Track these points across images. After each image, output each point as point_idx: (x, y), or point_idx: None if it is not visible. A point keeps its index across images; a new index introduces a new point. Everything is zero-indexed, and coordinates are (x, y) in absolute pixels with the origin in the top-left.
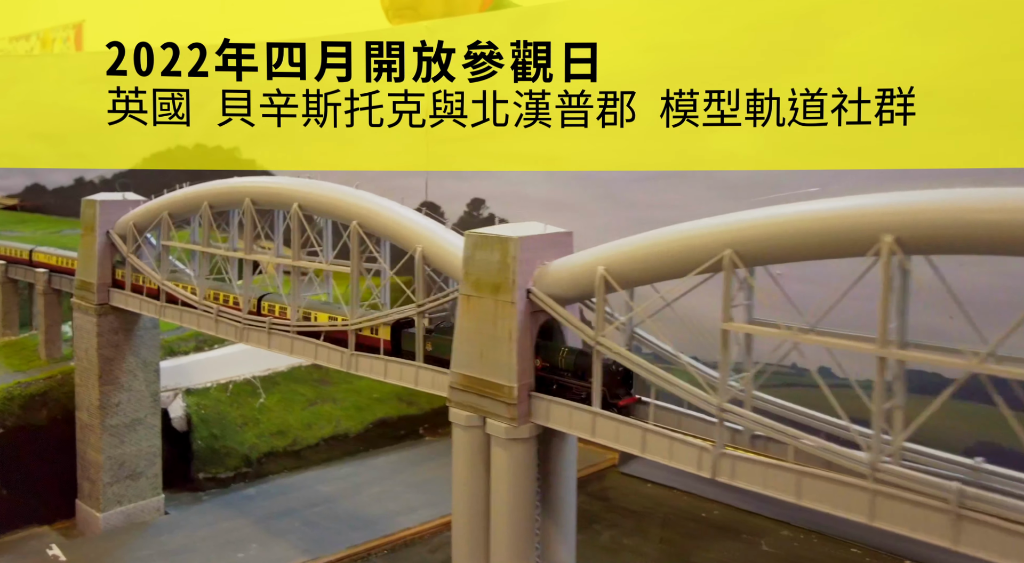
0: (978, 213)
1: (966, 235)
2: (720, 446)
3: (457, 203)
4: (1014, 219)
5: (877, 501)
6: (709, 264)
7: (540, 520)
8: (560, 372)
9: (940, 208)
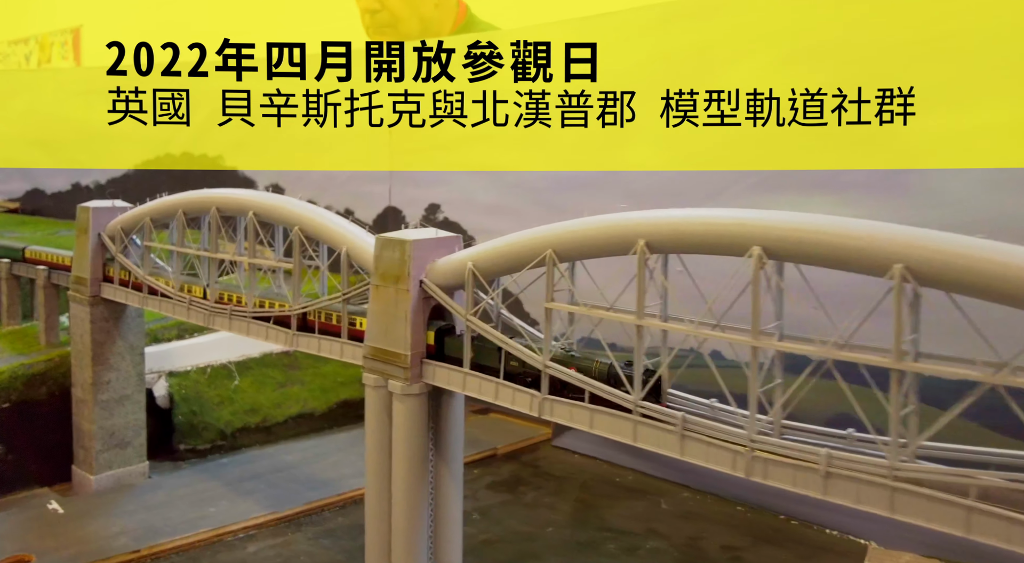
0: (826, 235)
1: (815, 252)
2: (544, 392)
3: (416, 207)
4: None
5: (756, 464)
6: (536, 262)
7: (433, 460)
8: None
9: (797, 227)
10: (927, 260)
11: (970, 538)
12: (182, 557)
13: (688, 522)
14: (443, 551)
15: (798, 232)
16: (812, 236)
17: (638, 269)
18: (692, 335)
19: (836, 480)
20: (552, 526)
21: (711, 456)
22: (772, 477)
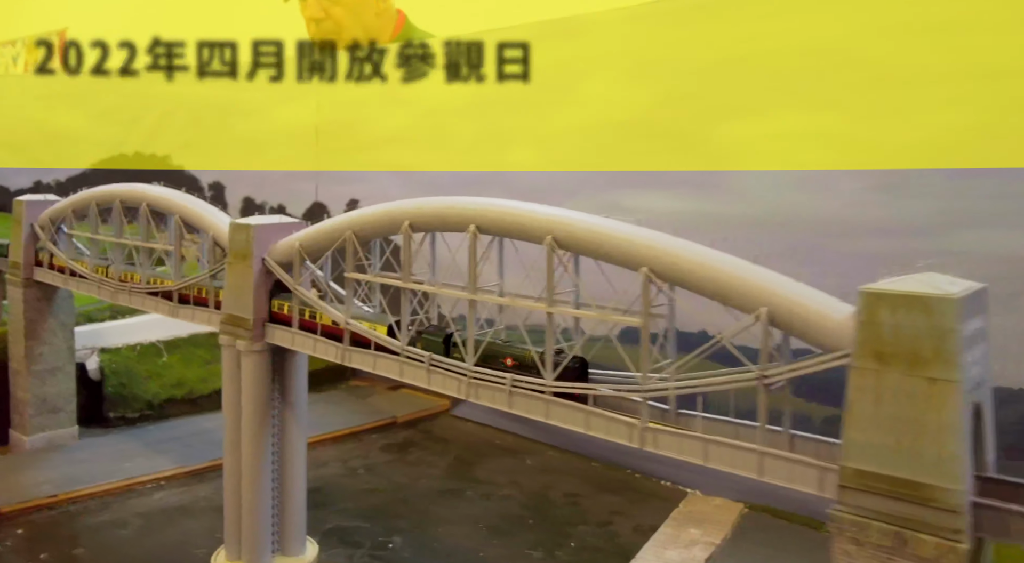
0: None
1: (593, 245)
2: (346, 343)
3: (339, 203)
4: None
5: (587, 416)
6: (337, 244)
7: (279, 407)
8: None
9: (580, 225)
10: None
11: (708, 465)
12: (96, 502)
13: (545, 475)
14: (288, 485)
15: (572, 226)
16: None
17: (470, 249)
18: (498, 304)
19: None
20: (426, 478)
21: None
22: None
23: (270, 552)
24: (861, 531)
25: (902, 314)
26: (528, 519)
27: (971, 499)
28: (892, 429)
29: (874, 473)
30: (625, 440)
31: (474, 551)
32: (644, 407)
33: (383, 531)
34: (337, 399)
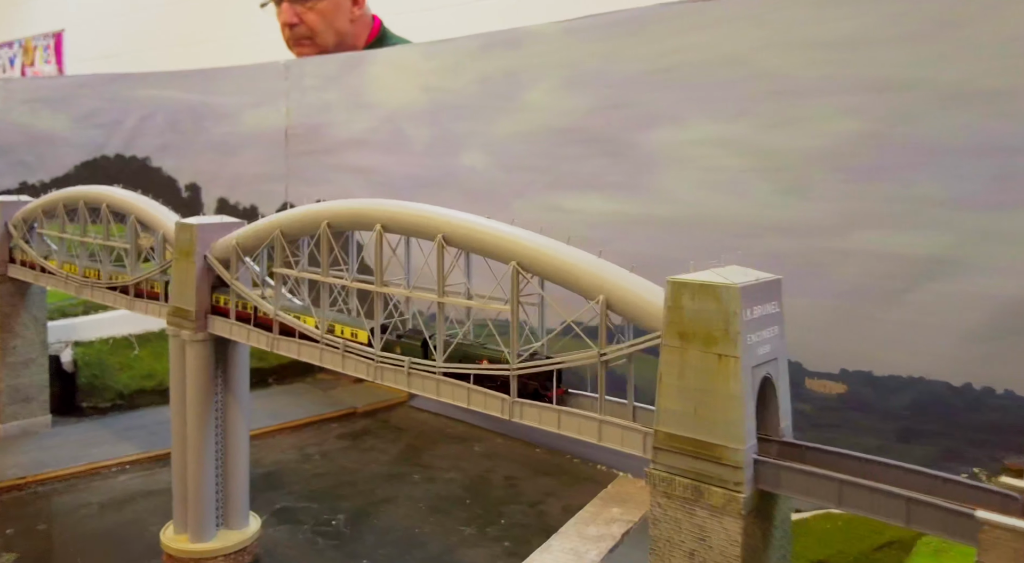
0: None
1: (474, 243)
2: (275, 333)
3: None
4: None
5: (469, 392)
6: (266, 244)
7: (222, 393)
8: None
9: (464, 225)
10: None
11: (560, 432)
12: (62, 484)
13: (488, 460)
14: (231, 463)
15: (458, 226)
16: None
17: (376, 247)
18: (403, 296)
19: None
20: (375, 463)
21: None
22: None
23: (214, 526)
24: (669, 486)
25: (699, 300)
26: (466, 499)
27: (753, 457)
28: (692, 398)
29: (679, 436)
30: (497, 412)
31: (411, 528)
32: (513, 382)
33: (328, 510)
34: (302, 391)
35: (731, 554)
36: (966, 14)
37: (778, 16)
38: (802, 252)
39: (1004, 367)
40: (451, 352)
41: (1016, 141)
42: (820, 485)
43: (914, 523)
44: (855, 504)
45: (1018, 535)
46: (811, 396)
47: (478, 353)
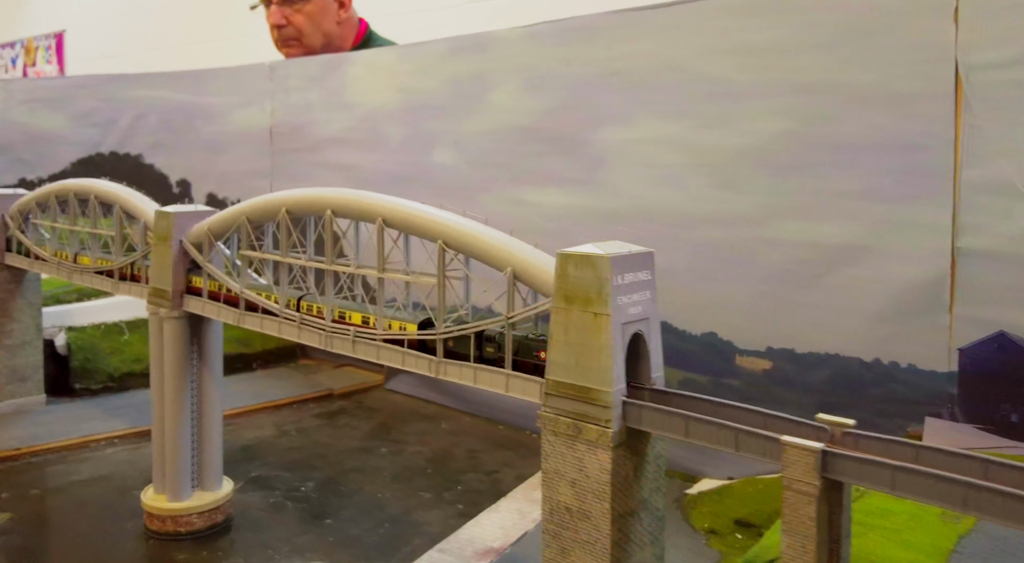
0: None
1: (409, 225)
2: (241, 308)
3: None
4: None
5: (403, 356)
6: (234, 229)
7: (197, 367)
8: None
9: (399, 209)
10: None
11: (477, 386)
12: (55, 455)
13: (454, 436)
14: (205, 430)
15: (395, 210)
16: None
17: (327, 229)
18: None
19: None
20: (347, 439)
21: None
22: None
23: (190, 487)
24: (556, 425)
25: (580, 269)
26: (428, 469)
27: (621, 398)
28: (574, 351)
29: (564, 383)
30: (425, 371)
31: (372, 493)
32: (439, 345)
33: (299, 479)
34: (285, 375)
35: (603, 481)
36: (874, 24)
37: (713, 25)
38: (733, 241)
39: (907, 344)
40: (516, 347)
41: (918, 139)
42: (672, 421)
43: (742, 450)
44: (698, 436)
45: (807, 452)
46: (741, 372)
47: (538, 345)
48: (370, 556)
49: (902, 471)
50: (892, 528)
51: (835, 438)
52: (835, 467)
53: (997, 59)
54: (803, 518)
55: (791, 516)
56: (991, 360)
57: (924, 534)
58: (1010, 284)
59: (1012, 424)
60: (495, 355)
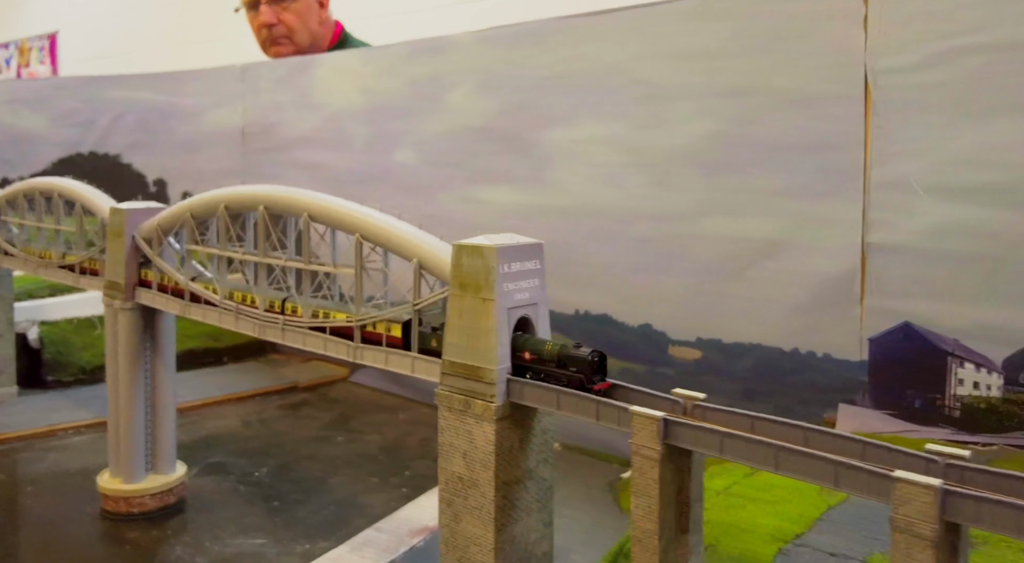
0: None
1: (331, 219)
2: (186, 300)
3: None
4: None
5: (325, 342)
6: (178, 227)
7: (151, 357)
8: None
9: (322, 204)
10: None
11: (388, 368)
12: (22, 443)
13: (410, 426)
14: (159, 417)
15: (318, 206)
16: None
17: (260, 225)
18: (279, 264)
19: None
20: (306, 429)
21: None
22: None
23: (144, 470)
24: (450, 401)
25: (471, 258)
26: (379, 456)
27: (505, 376)
28: (466, 333)
29: (457, 362)
30: (345, 355)
31: (323, 479)
32: (356, 331)
33: (254, 465)
34: (253, 369)
35: (488, 451)
36: (793, 30)
37: (650, 31)
38: (667, 236)
39: (822, 334)
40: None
41: (834, 140)
42: (546, 396)
43: (603, 421)
44: (568, 408)
45: (650, 420)
46: (673, 361)
47: (521, 346)
48: (311, 535)
49: (729, 437)
50: (771, 500)
51: (687, 410)
52: (675, 434)
53: (901, 64)
54: (649, 481)
55: (639, 479)
56: (897, 349)
57: (798, 505)
58: (914, 277)
59: (916, 409)
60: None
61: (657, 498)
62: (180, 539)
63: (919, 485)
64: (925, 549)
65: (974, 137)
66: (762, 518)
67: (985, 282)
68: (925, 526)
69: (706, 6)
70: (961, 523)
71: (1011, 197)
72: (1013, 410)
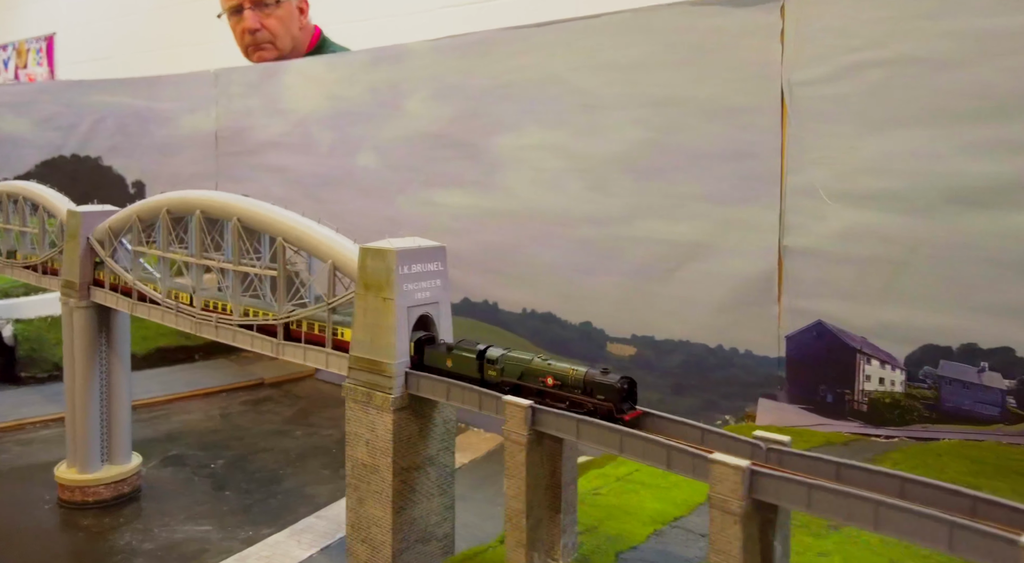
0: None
1: (259, 224)
2: (134, 298)
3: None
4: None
5: (252, 338)
6: (128, 226)
7: (106, 353)
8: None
9: (250, 209)
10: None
11: (307, 363)
12: None
13: None
14: (113, 410)
15: (244, 210)
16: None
17: (196, 228)
18: (214, 265)
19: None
20: (267, 423)
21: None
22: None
23: (100, 461)
24: (355, 394)
25: (374, 260)
26: (333, 449)
27: (404, 370)
28: (370, 330)
29: (362, 358)
30: (269, 351)
31: (276, 470)
32: (280, 329)
33: (211, 457)
34: (223, 366)
35: (387, 439)
36: (716, 43)
37: (585, 43)
38: (604, 238)
39: (744, 332)
40: (520, 371)
41: (753, 148)
42: (438, 388)
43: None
44: (457, 399)
45: (519, 408)
46: (611, 358)
47: (543, 370)
48: (256, 522)
49: (584, 423)
50: (663, 487)
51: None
52: (539, 421)
53: (813, 76)
54: (517, 464)
55: (510, 463)
56: (811, 346)
57: (685, 492)
58: (825, 278)
59: (828, 404)
60: (496, 379)
61: (525, 480)
62: (132, 526)
63: (729, 466)
64: (735, 523)
65: (876, 146)
66: (650, 502)
67: (887, 283)
68: (734, 503)
69: (635, 20)
70: (764, 500)
71: (909, 203)
72: (914, 405)
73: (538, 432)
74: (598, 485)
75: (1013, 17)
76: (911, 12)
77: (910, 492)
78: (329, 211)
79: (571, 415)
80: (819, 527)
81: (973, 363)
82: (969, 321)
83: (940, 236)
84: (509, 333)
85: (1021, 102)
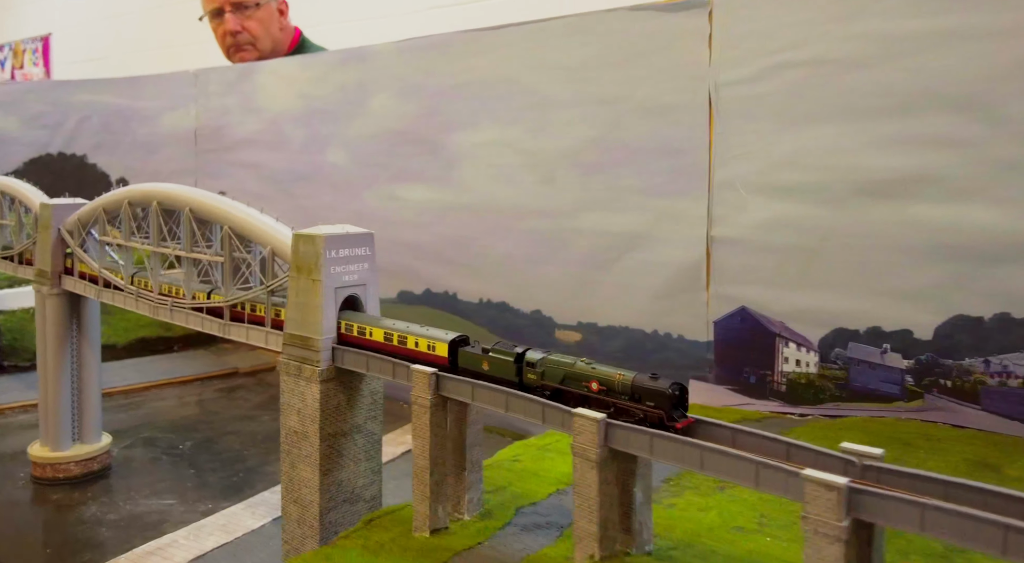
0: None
1: (215, 216)
2: (100, 285)
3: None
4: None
5: (202, 320)
6: (94, 221)
7: (77, 340)
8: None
9: (209, 203)
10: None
11: (268, 347)
12: None
13: None
14: (84, 392)
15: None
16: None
17: (153, 218)
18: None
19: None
20: (237, 409)
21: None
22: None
23: (71, 439)
24: (288, 367)
25: (305, 245)
26: None
27: (331, 345)
28: (301, 309)
29: (294, 334)
30: (216, 331)
31: (240, 451)
32: (226, 311)
33: (181, 439)
34: (200, 356)
35: (315, 408)
36: (651, 46)
37: (535, 45)
38: (553, 230)
39: (677, 317)
40: (561, 376)
41: (684, 144)
42: (361, 360)
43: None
44: (376, 370)
45: (423, 375)
46: (559, 344)
47: (587, 374)
48: (215, 496)
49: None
50: None
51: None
52: (444, 387)
53: (737, 77)
54: (422, 426)
55: (416, 424)
56: (736, 331)
57: None
58: (748, 266)
59: (751, 385)
60: (536, 383)
61: (428, 440)
62: (99, 500)
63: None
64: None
65: (793, 142)
66: (560, 466)
67: (803, 271)
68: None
69: (580, 23)
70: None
71: (821, 195)
72: (826, 384)
73: (441, 396)
74: (519, 453)
75: (915, 20)
76: (825, 16)
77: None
78: (300, 206)
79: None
80: (709, 488)
81: (877, 345)
82: (874, 305)
83: (849, 225)
84: (467, 322)
85: (921, 100)
